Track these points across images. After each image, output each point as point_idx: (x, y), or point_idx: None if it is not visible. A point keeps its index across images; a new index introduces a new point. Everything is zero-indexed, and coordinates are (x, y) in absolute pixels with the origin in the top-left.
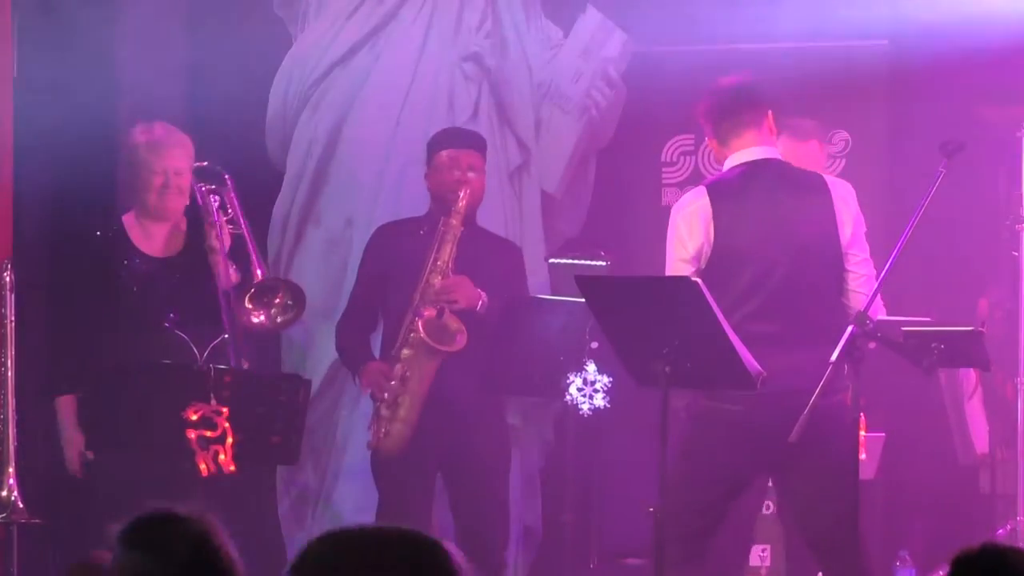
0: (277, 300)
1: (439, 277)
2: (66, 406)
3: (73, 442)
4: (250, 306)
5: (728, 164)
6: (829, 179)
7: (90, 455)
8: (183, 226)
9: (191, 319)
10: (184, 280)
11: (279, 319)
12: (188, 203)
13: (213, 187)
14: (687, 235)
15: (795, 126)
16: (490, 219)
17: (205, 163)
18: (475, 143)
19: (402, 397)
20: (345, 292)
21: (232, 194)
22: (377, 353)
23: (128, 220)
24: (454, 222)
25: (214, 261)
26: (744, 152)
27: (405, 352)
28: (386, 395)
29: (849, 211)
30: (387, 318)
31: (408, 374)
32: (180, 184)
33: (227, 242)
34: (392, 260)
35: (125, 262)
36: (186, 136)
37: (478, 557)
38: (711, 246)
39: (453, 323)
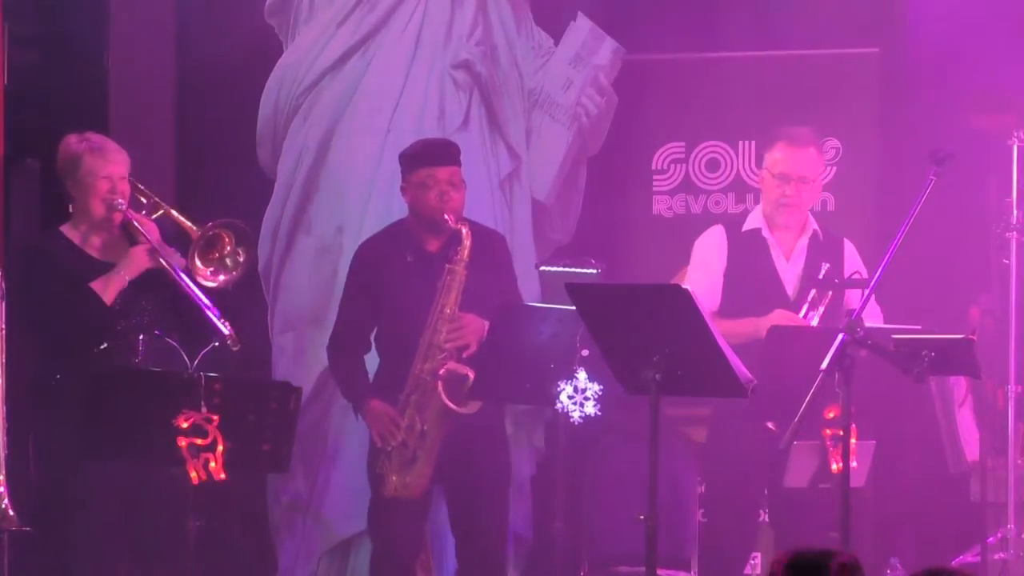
0: (226, 250)
1: (447, 325)
2: None
3: None
4: (202, 265)
5: None
6: None
7: None
8: (117, 231)
9: (158, 318)
10: (143, 281)
11: (237, 266)
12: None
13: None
14: None
15: (791, 134)
16: None
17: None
18: (449, 157)
19: (420, 451)
20: (336, 299)
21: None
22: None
23: (67, 230)
24: (458, 269)
25: (156, 256)
26: None
27: (415, 399)
28: (400, 444)
29: None
30: (383, 352)
31: (425, 428)
32: (124, 190)
33: (154, 232)
34: (380, 284)
35: (77, 269)
36: (119, 146)
37: (477, 570)
38: None
39: None
